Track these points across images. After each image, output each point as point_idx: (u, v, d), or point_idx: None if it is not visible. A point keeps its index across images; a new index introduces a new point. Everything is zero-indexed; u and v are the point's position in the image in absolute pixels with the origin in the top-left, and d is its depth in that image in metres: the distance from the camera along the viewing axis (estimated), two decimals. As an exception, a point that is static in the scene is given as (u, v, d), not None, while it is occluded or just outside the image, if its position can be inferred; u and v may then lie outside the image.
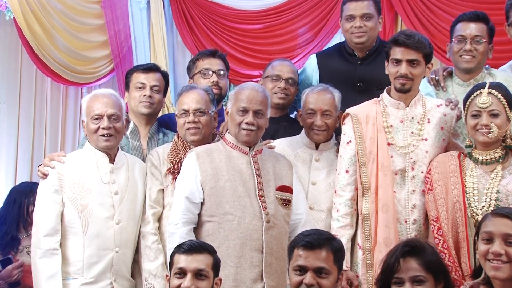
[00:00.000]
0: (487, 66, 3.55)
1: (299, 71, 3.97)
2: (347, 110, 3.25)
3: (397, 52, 3.09)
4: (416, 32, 3.24)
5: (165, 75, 3.67)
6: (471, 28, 3.38)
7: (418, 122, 3.16)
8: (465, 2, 5.46)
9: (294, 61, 5.63)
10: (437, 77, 3.56)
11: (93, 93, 3.28)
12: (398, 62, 3.09)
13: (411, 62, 3.08)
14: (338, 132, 3.39)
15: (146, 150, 3.52)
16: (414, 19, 5.61)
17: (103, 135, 3.12)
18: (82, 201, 3.07)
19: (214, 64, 3.79)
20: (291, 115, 3.96)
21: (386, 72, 3.18)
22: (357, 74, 3.71)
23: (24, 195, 3.85)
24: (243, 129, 3.06)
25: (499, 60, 4.19)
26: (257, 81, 4.16)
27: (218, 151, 3.11)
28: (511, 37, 3.59)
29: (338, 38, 5.74)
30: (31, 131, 5.77)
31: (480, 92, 2.91)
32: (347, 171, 3.20)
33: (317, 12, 5.94)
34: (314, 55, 3.99)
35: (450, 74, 3.55)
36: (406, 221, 3.13)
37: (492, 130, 2.87)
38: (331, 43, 5.70)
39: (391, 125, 3.16)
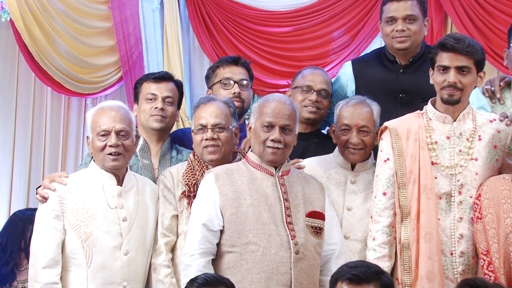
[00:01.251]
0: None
1: (332, 80, 4.01)
2: (385, 124, 3.26)
3: (445, 58, 3.09)
4: (466, 36, 3.25)
5: (179, 85, 3.73)
6: None
7: (467, 139, 3.16)
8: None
9: (327, 69, 5.68)
10: (492, 88, 3.57)
11: (100, 105, 3.32)
12: (445, 69, 3.10)
13: (460, 70, 3.08)
14: (376, 150, 3.39)
15: (157, 170, 3.56)
16: (466, 20, 5.61)
17: (110, 154, 3.16)
18: (86, 229, 3.10)
19: (237, 72, 3.84)
20: (323, 131, 3.99)
21: (431, 81, 3.19)
22: (399, 84, 3.73)
23: (28, 222, 3.85)
24: (268, 146, 3.09)
25: None
26: (284, 92, 4.21)
27: (240, 172, 3.14)
28: None
29: (377, 43, 5.77)
30: (28, 148, 5.83)
31: (539, 107, 2.92)
32: (384, 194, 3.20)
33: (354, 13, 5.98)
34: (350, 62, 4.02)
35: (508, 85, 3.55)
36: (452, 253, 3.12)
37: None
38: (369, 49, 5.73)
39: (436, 142, 3.17)
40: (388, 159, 3.21)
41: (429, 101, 3.24)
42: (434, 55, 3.14)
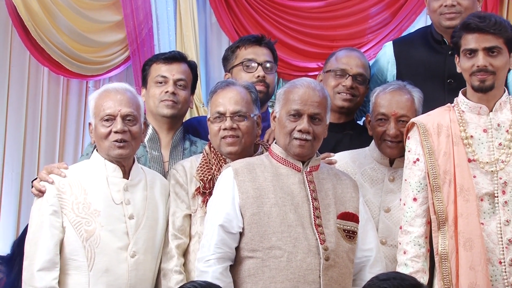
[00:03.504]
0: None
1: (370, 63, 4.02)
2: (412, 120, 3.27)
3: (470, 40, 3.10)
4: (492, 13, 3.26)
5: (193, 67, 3.76)
6: None
7: (507, 131, 3.16)
8: None
9: (364, 50, 5.68)
10: None
11: (104, 88, 3.35)
12: (472, 52, 3.11)
13: (489, 51, 3.09)
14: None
15: (168, 163, 3.60)
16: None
17: (116, 141, 3.19)
18: (87, 227, 3.13)
19: (260, 54, 3.86)
20: (359, 122, 4.00)
21: (458, 69, 3.20)
22: (447, 68, 3.71)
23: None
24: (295, 138, 3.10)
25: None
26: (314, 76, 4.22)
27: (263, 166, 3.16)
28: None
29: (422, 21, 5.74)
30: (21, 136, 5.84)
31: None
32: (415, 199, 3.20)
33: (396, -14, 5.95)
34: (391, 42, 4.03)
35: None
36: (500, 262, 3.12)
37: None
38: (412, 28, 5.71)
39: (472, 136, 3.17)
40: (418, 159, 3.22)
41: (460, 91, 3.25)
42: (458, 38, 3.16)
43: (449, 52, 3.74)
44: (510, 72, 3.23)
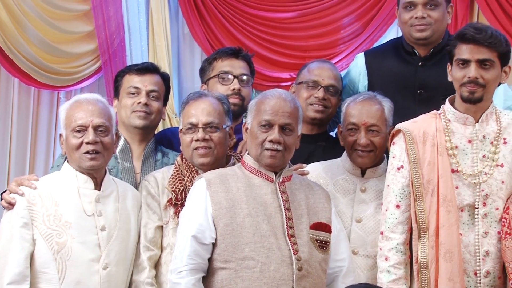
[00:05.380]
0: None
1: (342, 74, 4.05)
2: (398, 126, 3.29)
3: (464, 51, 3.12)
4: (489, 26, 3.28)
5: (165, 78, 3.77)
6: None
7: (492, 143, 3.19)
8: None
9: (336, 60, 5.74)
10: None
11: (75, 98, 3.34)
12: (465, 63, 3.13)
13: (482, 63, 3.11)
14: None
15: (140, 174, 3.60)
16: (496, 7, 5.62)
17: (87, 152, 3.18)
18: (58, 239, 3.11)
19: (237, 66, 3.88)
20: (331, 133, 4.03)
21: (449, 78, 3.22)
22: (418, 79, 3.77)
23: None
24: (267, 149, 3.11)
25: None
26: (287, 87, 4.24)
27: (235, 177, 3.16)
28: None
29: (393, 31, 5.80)
30: (-9, 147, 5.85)
31: None
32: (398, 206, 3.22)
33: (367, -3, 6.01)
34: (362, 53, 4.06)
35: None
36: (476, 273, 3.15)
37: None
38: (383, 39, 5.76)
39: (456, 146, 3.20)
40: (402, 166, 3.23)
41: (447, 99, 3.27)
42: (452, 47, 3.17)
43: (420, 63, 3.79)
44: (498, 85, 3.25)
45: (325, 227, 3.17)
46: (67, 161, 3.30)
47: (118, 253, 3.21)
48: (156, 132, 3.83)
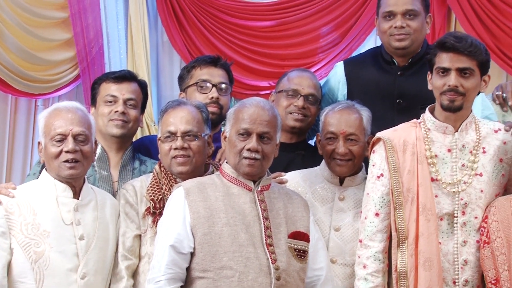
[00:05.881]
0: None
1: (321, 82, 4.07)
2: (378, 135, 3.30)
3: (444, 59, 3.14)
4: (469, 35, 3.30)
5: (143, 86, 3.77)
6: None
7: (471, 152, 3.21)
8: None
9: (315, 69, 5.76)
10: (504, 94, 3.64)
11: (54, 106, 3.32)
12: (445, 71, 3.14)
13: (462, 72, 3.13)
14: (368, 162, 3.41)
15: (117, 183, 3.59)
16: (472, 17, 5.68)
17: (66, 161, 3.17)
18: (36, 248, 3.09)
19: (215, 75, 3.89)
20: (310, 142, 4.04)
21: (430, 86, 3.24)
22: (397, 88, 3.80)
23: None
24: (245, 157, 3.11)
25: None
26: (266, 95, 4.25)
27: (214, 186, 3.16)
28: None
29: (371, 41, 5.84)
30: (-33, 155, 5.81)
31: (548, 117, 2.99)
32: (377, 214, 3.24)
33: (345, 7, 6.05)
34: (342, 62, 4.08)
35: None
36: (454, 282, 3.16)
37: None
38: (362, 48, 5.79)
39: (436, 155, 3.21)
40: (382, 175, 3.25)
41: (427, 108, 3.28)
42: (432, 56, 3.18)
43: (398, 73, 3.82)
44: (478, 94, 3.28)
45: (303, 236, 3.18)
46: (46, 170, 3.28)
47: (96, 263, 3.19)
48: (134, 140, 3.82)
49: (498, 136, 3.23)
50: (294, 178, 3.53)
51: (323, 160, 3.53)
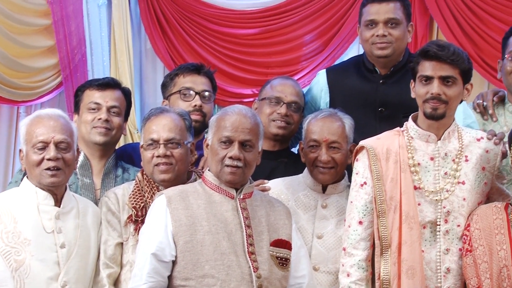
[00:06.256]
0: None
1: (304, 90, 4.07)
2: (361, 143, 3.30)
3: (427, 67, 3.15)
4: (451, 43, 3.32)
5: (127, 93, 3.76)
6: None
7: (453, 160, 3.22)
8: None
9: (298, 77, 5.77)
10: (485, 103, 3.65)
11: (36, 114, 3.32)
12: (428, 79, 3.15)
13: (445, 80, 3.14)
14: (350, 170, 3.43)
15: (100, 190, 3.58)
16: (454, 26, 5.72)
17: (48, 169, 3.16)
18: (17, 256, 3.08)
19: (198, 82, 3.89)
20: (294, 149, 4.04)
21: (412, 95, 3.25)
22: (379, 96, 3.81)
23: None
24: (227, 165, 3.11)
25: None
26: (249, 103, 4.25)
27: (196, 194, 3.16)
28: None
29: (354, 49, 5.86)
30: None
31: (530, 125, 3.01)
32: (360, 223, 3.24)
33: (328, 15, 6.07)
34: (324, 70, 4.08)
35: (501, 100, 3.66)
36: (437, 290, 3.17)
37: None
38: (345, 56, 5.81)
39: (419, 163, 3.22)
40: (365, 183, 3.25)
41: (410, 117, 3.29)
42: (415, 64, 3.19)
43: (381, 81, 3.83)
44: (460, 102, 3.29)
45: (285, 244, 3.18)
46: (27, 177, 3.27)
47: (77, 271, 3.18)
48: (117, 148, 3.81)
49: (480, 144, 3.24)
50: (277, 186, 3.53)
51: (306, 168, 3.53)
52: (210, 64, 5.36)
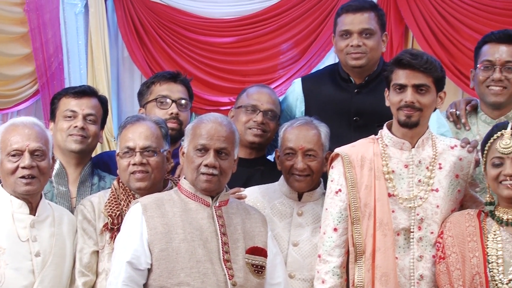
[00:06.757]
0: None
1: (281, 98, 4.08)
2: (336, 150, 3.31)
3: (401, 76, 3.16)
4: (424, 52, 3.34)
5: (103, 101, 3.75)
6: (501, 52, 3.51)
7: (427, 168, 3.23)
8: (497, 16, 5.61)
9: (275, 85, 5.78)
10: (458, 112, 3.68)
11: (11, 122, 3.31)
12: (402, 88, 3.17)
13: (418, 88, 3.15)
14: (326, 178, 3.42)
15: (76, 199, 3.56)
16: (429, 35, 5.77)
17: (23, 177, 3.15)
18: (-9, 265, 3.08)
19: (175, 90, 3.89)
20: (270, 157, 4.05)
21: (387, 103, 3.26)
22: (353, 106, 3.82)
23: None
24: (202, 173, 3.11)
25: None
26: (226, 111, 4.26)
27: (171, 202, 3.15)
28: None
29: (331, 57, 5.88)
30: None
31: (502, 134, 3.02)
32: (335, 229, 3.24)
33: (305, 24, 6.10)
34: (299, 79, 4.09)
35: (474, 109, 3.68)
36: (410, 297, 3.18)
37: None
38: (322, 64, 5.84)
39: (393, 171, 3.23)
40: (340, 190, 3.26)
41: (385, 125, 3.30)
42: (389, 73, 3.21)
43: (355, 91, 3.84)
44: (434, 110, 3.31)
45: (260, 252, 3.18)
46: (1, 185, 3.25)
47: (52, 279, 3.17)
48: (93, 156, 3.80)
49: (454, 152, 3.26)
50: (253, 194, 3.53)
51: (282, 176, 3.53)
52: (187, 72, 5.36)
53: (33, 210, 3.22)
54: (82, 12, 6.09)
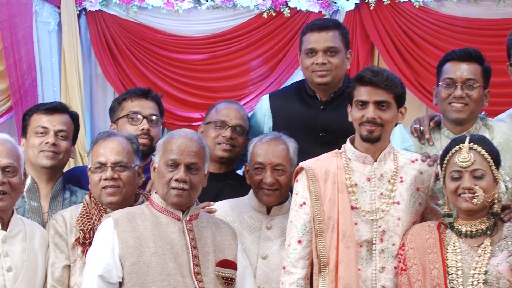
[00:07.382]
0: (483, 113, 3.72)
1: (250, 115, 4.10)
2: (301, 164, 3.33)
3: (363, 93, 3.20)
4: (385, 69, 3.37)
5: (75, 117, 3.75)
6: (462, 70, 3.55)
7: (389, 181, 3.27)
8: (459, 34, 5.69)
9: (246, 101, 5.80)
10: (421, 128, 3.72)
11: (-19, 139, 3.30)
12: (363, 104, 3.20)
13: (379, 104, 3.19)
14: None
15: (47, 213, 3.56)
16: (394, 53, 5.83)
17: (-6, 193, 3.13)
18: (-37, 281, 3.06)
19: (146, 107, 3.90)
20: (239, 171, 4.07)
21: (350, 118, 3.29)
22: (319, 122, 3.84)
23: None
24: (173, 187, 3.13)
25: (498, 106, 4.39)
26: (197, 127, 4.27)
27: (143, 216, 3.16)
28: None
29: (300, 74, 5.90)
30: None
31: (460, 148, 3.06)
32: (299, 242, 3.26)
33: (274, 41, 6.14)
34: (267, 96, 4.10)
35: (438, 125, 3.72)
36: (373, 308, 3.21)
37: (476, 195, 3.00)
38: (291, 80, 5.87)
39: (356, 184, 3.26)
40: (304, 203, 3.28)
41: (348, 139, 3.34)
42: (351, 89, 3.25)
43: (321, 107, 3.85)
44: (396, 125, 3.35)
45: (230, 264, 3.20)
46: (-28, 202, 3.23)
47: (24, 293, 3.16)
48: (65, 171, 3.79)
49: (415, 166, 3.30)
50: (222, 208, 3.55)
51: (251, 190, 3.56)
52: (160, 89, 5.38)
53: (4, 226, 3.21)
54: (55, 30, 6.09)
